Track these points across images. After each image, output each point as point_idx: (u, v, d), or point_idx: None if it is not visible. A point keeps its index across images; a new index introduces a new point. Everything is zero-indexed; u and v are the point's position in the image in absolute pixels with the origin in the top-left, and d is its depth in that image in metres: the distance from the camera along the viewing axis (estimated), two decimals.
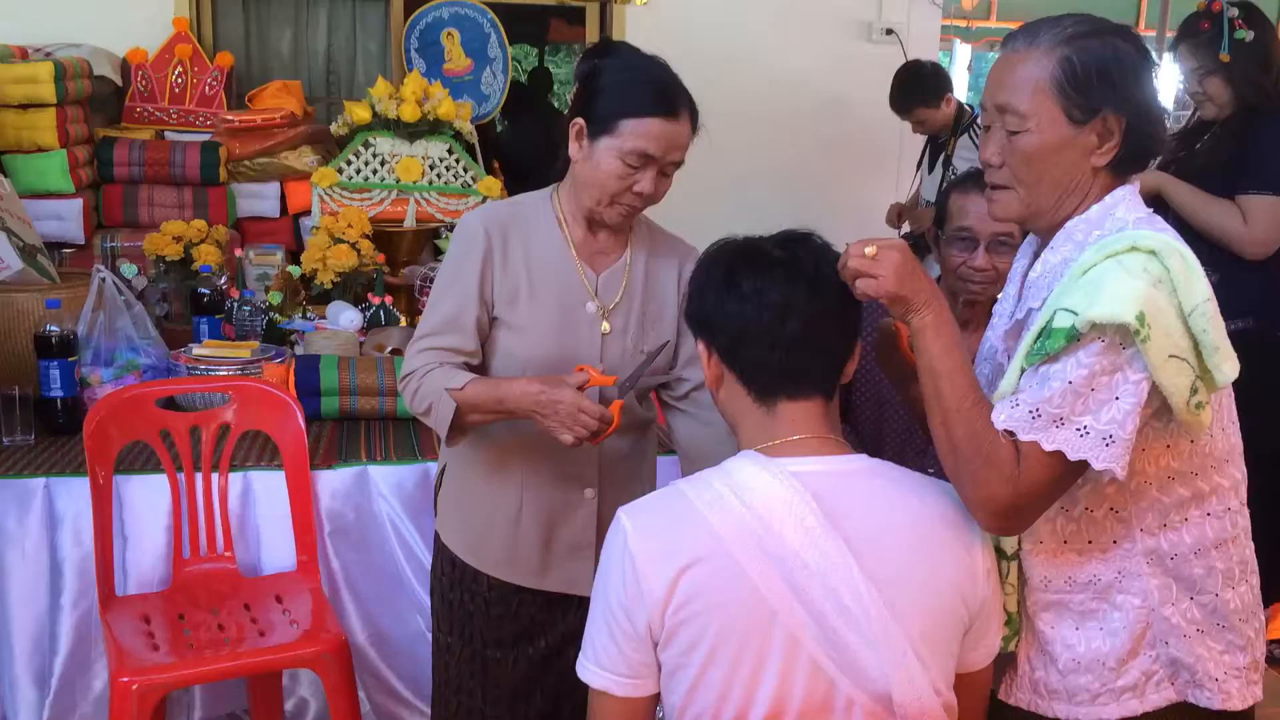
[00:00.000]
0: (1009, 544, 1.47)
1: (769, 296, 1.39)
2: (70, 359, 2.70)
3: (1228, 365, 1.36)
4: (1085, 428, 1.33)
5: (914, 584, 1.34)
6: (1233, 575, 1.50)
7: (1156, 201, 3.15)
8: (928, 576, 1.35)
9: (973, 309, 2.25)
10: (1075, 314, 1.32)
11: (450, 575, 2.04)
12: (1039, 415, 1.34)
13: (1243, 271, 3.07)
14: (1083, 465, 1.34)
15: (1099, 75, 1.41)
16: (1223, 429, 1.48)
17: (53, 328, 2.68)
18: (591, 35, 5.10)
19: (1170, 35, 4.88)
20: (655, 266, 2.01)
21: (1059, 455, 1.34)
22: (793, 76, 4.98)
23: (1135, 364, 1.33)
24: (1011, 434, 1.37)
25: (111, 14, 4.35)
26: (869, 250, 1.39)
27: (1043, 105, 1.42)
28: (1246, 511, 1.54)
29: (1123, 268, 1.34)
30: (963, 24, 7.41)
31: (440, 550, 2.07)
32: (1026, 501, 1.37)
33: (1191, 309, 1.34)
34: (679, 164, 1.88)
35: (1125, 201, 1.46)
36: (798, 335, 1.39)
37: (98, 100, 4.15)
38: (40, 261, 3.17)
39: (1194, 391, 1.35)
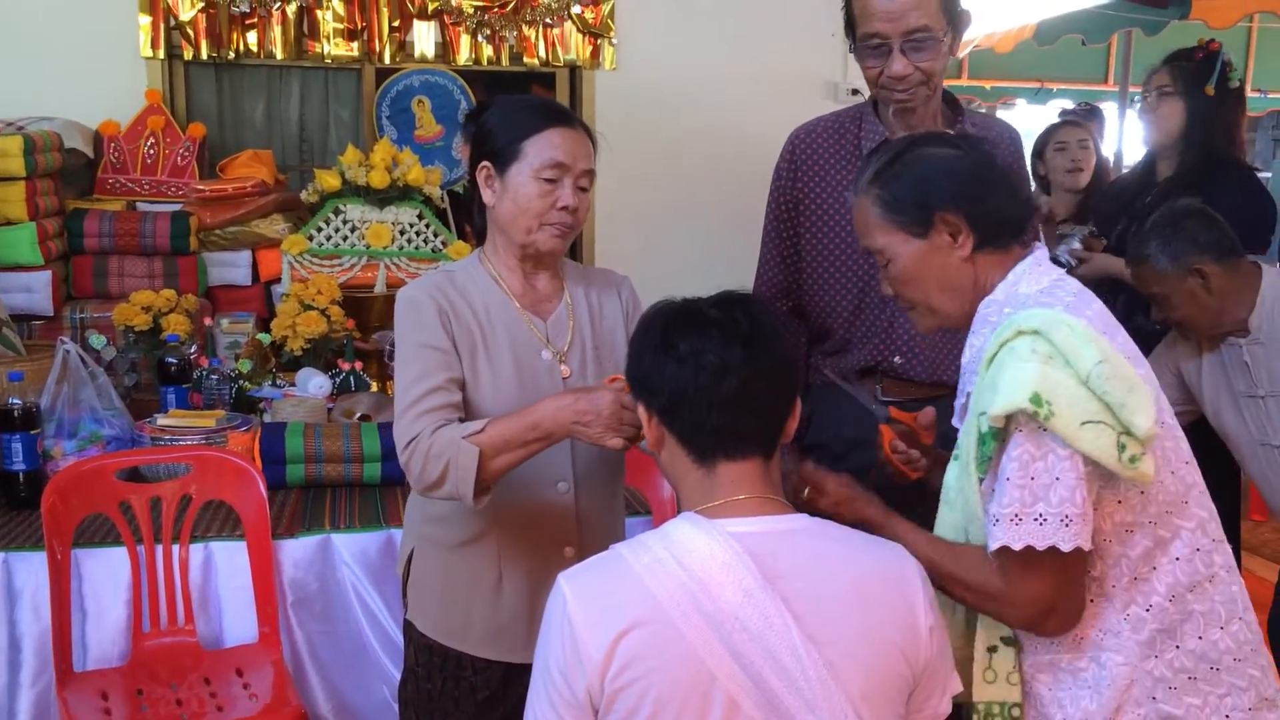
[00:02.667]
0: (1003, 629, 1.52)
1: (705, 358, 1.39)
2: (33, 432, 2.69)
3: (1140, 418, 1.38)
4: (1041, 515, 1.38)
5: (855, 644, 1.33)
6: (1217, 615, 1.49)
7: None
8: (869, 636, 1.34)
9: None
10: (986, 414, 1.41)
11: (428, 664, 1.96)
12: (998, 521, 1.40)
13: None
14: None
15: (912, 192, 1.55)
16: (1173, 472, 1.49)
17: (15, 400, 2.67)
18: (562, 101, 5.14)
19: (1134, 90, 4.97)
20: (595, 299, 2.02)
21: (1029, 550, 1.38)
22: (762, 136, 4.97)
23: (1057, 440, 1.37)
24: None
25: (84, 87, 4.37)
26: (804, 495, 1.61)
27: (886, 236, 1.58)
28: (1225, 548, 1.53)
29: (1014, 354, 1.41)
30: None
31: (414, 639, 1.99)
32: (1044, 606, 1.43)
33: (1087, 374, 1.38)
34: (592, 176, 1.91)
35: (1029, 274, 1.54)
36: (734, 396, 1.39)
37: (69, 172, 4.16)
38: (5, 334, 3.16)
39: (1122, 448, 1.37)
